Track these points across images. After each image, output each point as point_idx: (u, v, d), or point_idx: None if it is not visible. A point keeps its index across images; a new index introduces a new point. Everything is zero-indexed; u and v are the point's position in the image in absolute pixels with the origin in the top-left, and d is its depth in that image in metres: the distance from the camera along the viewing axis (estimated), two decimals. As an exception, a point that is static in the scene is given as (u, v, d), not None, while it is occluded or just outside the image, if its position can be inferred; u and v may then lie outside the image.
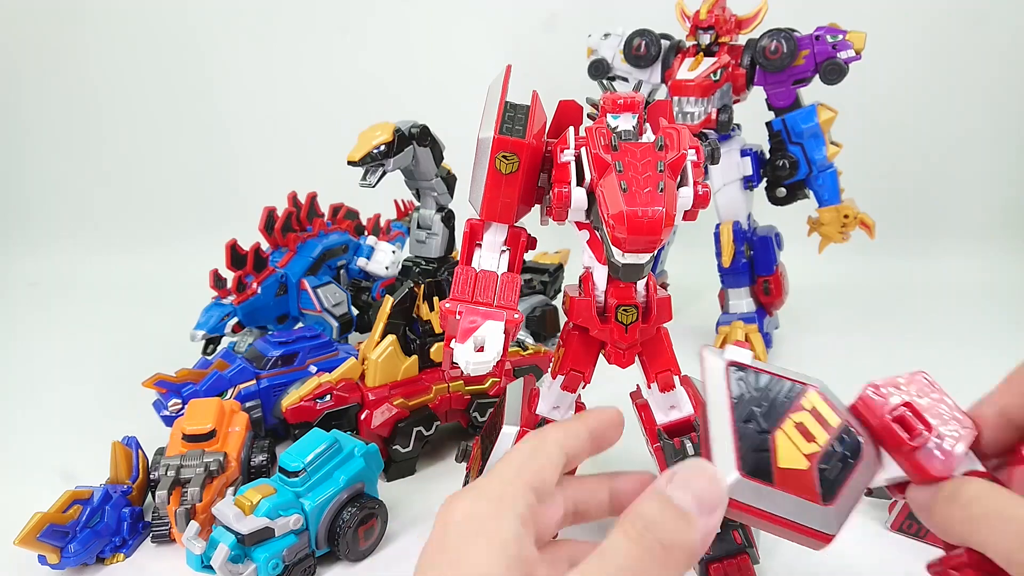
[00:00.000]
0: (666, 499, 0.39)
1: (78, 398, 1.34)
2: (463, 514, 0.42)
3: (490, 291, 0.66)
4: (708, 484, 0.40)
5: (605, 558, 0.38)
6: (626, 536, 0.39)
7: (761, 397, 0.48)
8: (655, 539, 0.38)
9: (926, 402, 0.48)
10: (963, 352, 1.46)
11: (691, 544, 0.38)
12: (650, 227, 0.55)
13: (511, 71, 0.70)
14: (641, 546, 0.38)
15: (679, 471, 0.41)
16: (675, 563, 0.38)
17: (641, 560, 0.38)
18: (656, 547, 0.38)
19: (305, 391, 1.06)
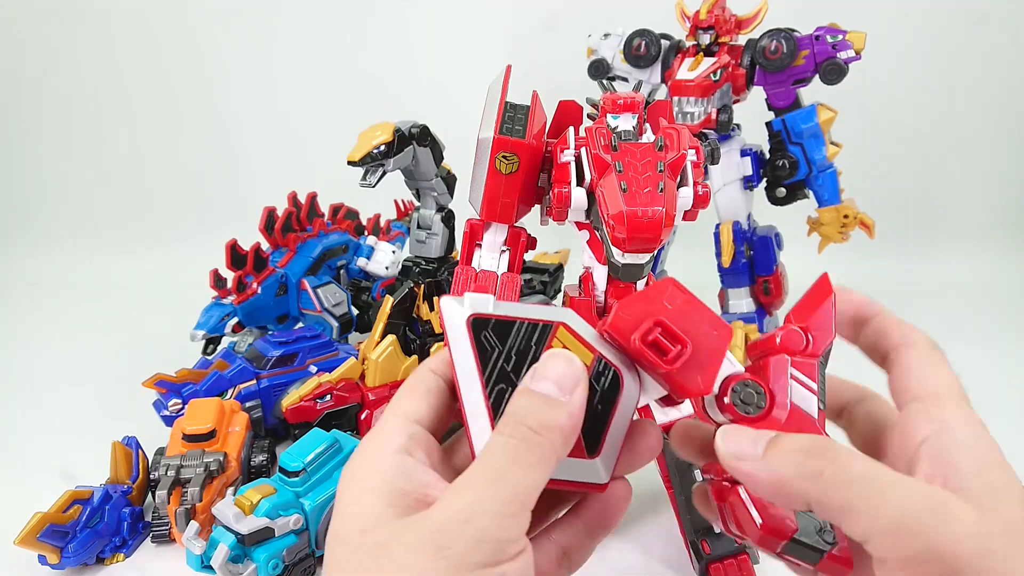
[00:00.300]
0: (528, 391, 0.41)
1: (78, 398, 1.34)
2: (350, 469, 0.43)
3: (490, 291, 0.66)
4: (563, 366, 0.42)
5: (484, 458, 0.40)
6: (500, 434, 0.40)
7: (510, 349, 0.45)
8: (526, 427, 0.40)
9: (677, 312, 0.46)
10: (963, 352, 1.46)
11: (559, 423, 0.40)
12: (650, 227, 0.56)
13: (511, 71, 0.70)
14: (515, 437, 0.40)
15: (535, 366, 0.43)
16: (549, 444, 0.40)
17: (517, 449, 0.39)
18: (528, 434, 0.40)
19: (305, 391, 1.06)
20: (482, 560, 0.37)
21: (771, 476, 0.40)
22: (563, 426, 0.40)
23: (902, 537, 0.35)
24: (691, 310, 0.46)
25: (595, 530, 0.50)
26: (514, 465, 0.39)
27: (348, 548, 0.38)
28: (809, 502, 0.38)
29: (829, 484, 0.37)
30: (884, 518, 0.35)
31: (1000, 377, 1.35)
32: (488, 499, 0.38)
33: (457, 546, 0.36)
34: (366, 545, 0.38)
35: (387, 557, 0.37)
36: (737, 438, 0.42)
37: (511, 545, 0.38)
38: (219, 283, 1.31)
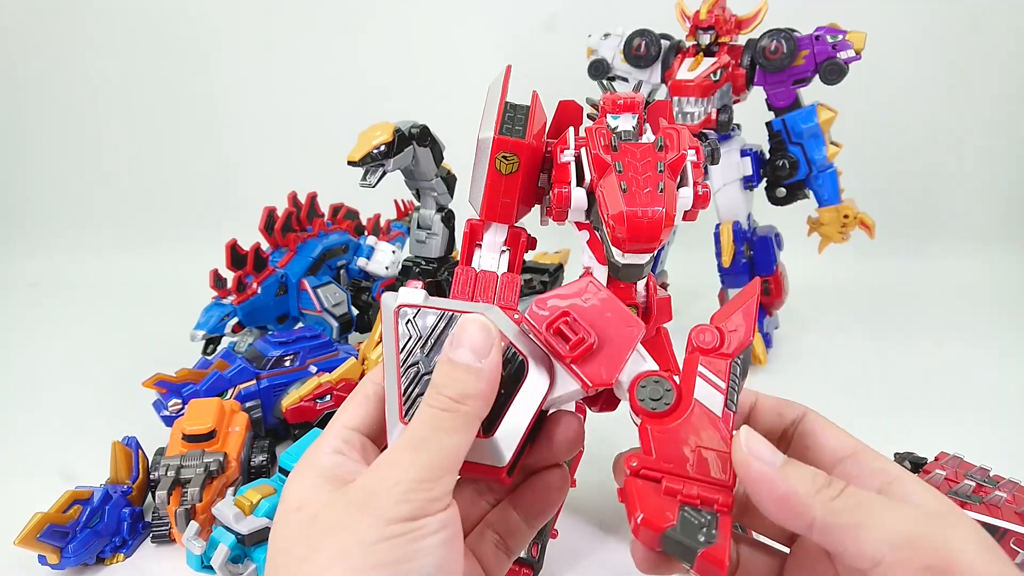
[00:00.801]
0: (448, 361, 0.44)
1: (78, 398, 1.34)
2: (294, 469, 0.45)
3: (490, 291, 0.66)
4: (475, 331, 0.44)
5: (409, 430, 0.42)
6: (424, 405, 0.43)
7: (427, 336, 0.47)
8: (445, 396, 0.42)
9: (589, 307, 0.48)
10: (963, 352, 1.47)
11: (479, 388, 0.43)
12: (650, 227, 0.56)
13: (511, 71, 0.70)
14: (436, 406, 0.42)
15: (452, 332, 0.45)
16: (469, 409, 0.42)
17: (440, 417, 0.42)
18: (447, 402, 0.42)
19: (305, 391, 1.06)
20: (406, 514, 0.39)
21: (786, 487, 0.40)
22: (482, 391, 0.43)
23: (916, 549, 0.37)
24: (604, 307, 0.48)
25: (531, 517, 0.52)
26: (435, 432, 0.42)
27: (284, 525, 0.41)
28: (813, 520, 0.40)
29: (840, 506, 0.39)
30: (899, 531, 0.38)
31: (1000, 377, 1.35)
32: (411, 464, 0.40)
33: (382, 503, 0.39)
34: (300, 518, 0.40)
35: (318, 524, 0.40)
36: (758, 441, 0.43)
37: (435, 503, 0.40)
38: (219, 283, 1.31)
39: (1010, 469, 0.91)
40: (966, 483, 0.87)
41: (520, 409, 0.46)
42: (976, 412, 1.22)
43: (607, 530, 0.92)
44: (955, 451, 0.96)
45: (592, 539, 0.91)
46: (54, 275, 2.10)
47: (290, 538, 0.40)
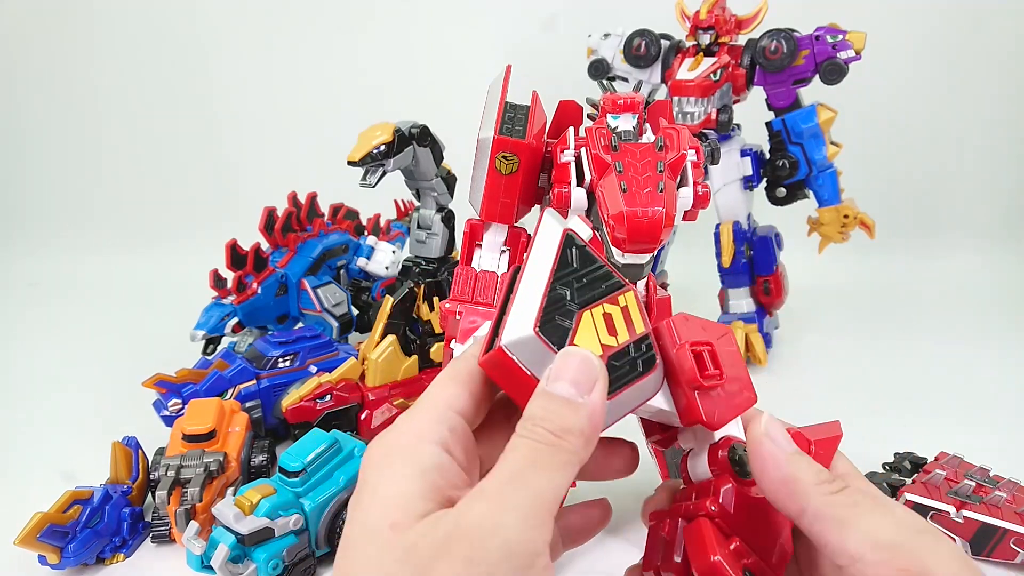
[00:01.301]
0: (545, 393, 0.40)
1: (78, 398, 1.34)
2: (381, 452, 0.41)
3: (490, 291, 0.66)
4: (579, 364, 0.40)
5: (504, 463, 0.39)
6: (519, 437, 0.39)
7: (584, 275, 0.46)
8: (544, 430, 0.39)
9: (725, 352, 0.48)
10: (963, 352, 1.46)
11: (580, 425, 0.39)
12: (650, 227, 0.56)
13: (511, 71, 0.70)
14: (533, 440, 0.39)
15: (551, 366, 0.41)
16: (570, 447, 0.39)
17: (536, 452, 0.38)
18: (547, 436, 0.39)
19: (305, 391, 1.06)
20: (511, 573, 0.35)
21: (791, 471, 0.41)
22: (583, 429, 0.39)
23: (896, 553, 0.38)
24: (736, 360, 0.49)
25: (569, 538, 0.51)
26: (534, 469, 0.38)
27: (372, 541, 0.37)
28: (806, 507, 0.40)
29: (836, 500, 0.40)
30: (883, 535, 0.38)
31: (1000, 377, 1.35)
32: (512, 506, 0.36)
33: (486, 560, 0.35)
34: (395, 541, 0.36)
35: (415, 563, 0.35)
36: (777, 427, 0.44)
37: (538, 559, 0.36)
38: (219, 283, 1.31)
39: (1010, 469, 0.92)
40: (966, 483, 0.87)
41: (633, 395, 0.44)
42: (976, 412, 1.22)
43: (607, 531, 0.92)
44: (955, 451, 0.96)
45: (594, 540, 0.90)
46: (54, 275, 2.10)
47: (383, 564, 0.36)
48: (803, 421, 0.48)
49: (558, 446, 0.38)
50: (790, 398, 1.28)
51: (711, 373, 0.46)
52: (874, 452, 1.03)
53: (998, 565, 0.85)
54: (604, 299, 0.45)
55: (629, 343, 0.45)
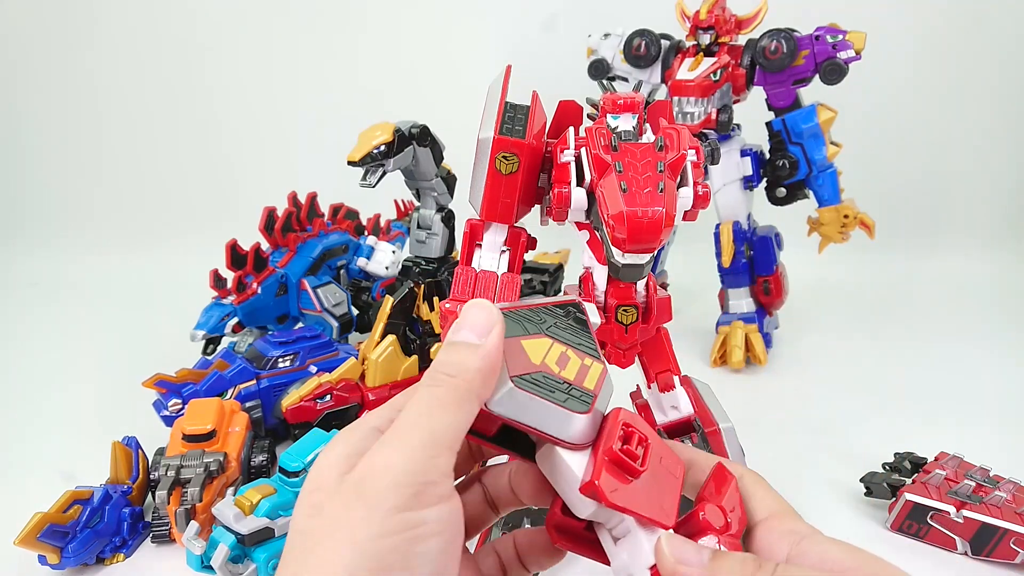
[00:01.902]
0: (448, 343, 0.43)
1: (78, 398, 1.34)
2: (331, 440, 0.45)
3: (490, 292, 0.66)
4: (477, 312, 0.43)
5: (403, 412, 0.41)
6: (421, 385, 0.42)
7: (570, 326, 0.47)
8: (442, 374, 0.41)
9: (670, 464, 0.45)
10: (963, 352, 1.46)
11: (476, 363, 0.41)
12: (650, 227, 0.56)
13: (511, 71, 0.70)
14: (433, 384, 0.41)
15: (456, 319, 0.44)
16: (464, 383, 0.41)
17: (436, 395, 0.40)
18: (444, 379, 0.41)
19: (305, 391, 1.06)
20: (401, 503, 0.37)
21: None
22: (480, 367, 0.41)
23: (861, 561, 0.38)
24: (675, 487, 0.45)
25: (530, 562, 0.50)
26: (429, 411, 0.40)
27: (299, 505, 0.40)
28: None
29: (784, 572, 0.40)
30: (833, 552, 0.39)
31: (1000, 377, 1.35)
32: (404, 444, 0.38)
33: (374, 492, 0.37)
34: (312, 502, 0.39)
35: (320, 515, 0.38)
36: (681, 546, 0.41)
37: (431, 487, 0.38)
38: (219, 283, 1.31)
39: (1010, 469, 0.92)
40: (966, 483, 0.87)
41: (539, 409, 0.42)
42: (976, 412, 1.22)
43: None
44: (955, 451, 0.96)
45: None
46: (54, 275, 2.10)
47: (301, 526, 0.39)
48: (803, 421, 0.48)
49: (453, 385, 0.40)
50: (790, 398, 1.28)
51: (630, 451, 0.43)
52: (874, 452, 1.03)
53: (998, 565, 0.85)
54: (572, 347, 0.45)
55: (569, 381, 0.44)
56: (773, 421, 1.18)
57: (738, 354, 1.37)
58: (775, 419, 1.19)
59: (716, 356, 1.41)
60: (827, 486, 1.00)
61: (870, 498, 0.95)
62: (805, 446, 1.09)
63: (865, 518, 0.94)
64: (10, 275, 2.12)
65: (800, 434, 1.13)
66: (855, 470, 0.99)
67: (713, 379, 0.84)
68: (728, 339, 1.40)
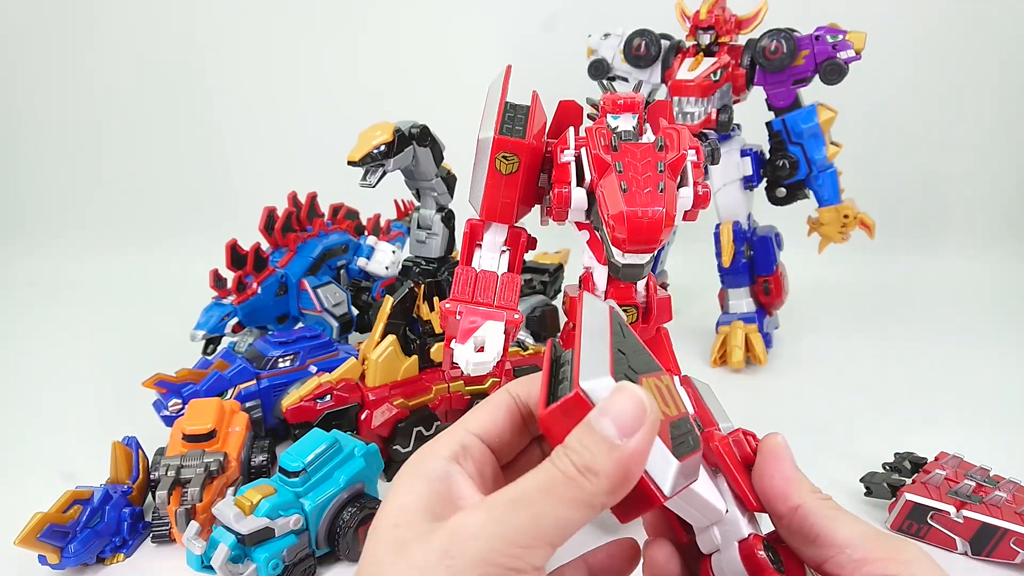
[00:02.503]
0: (587, 425, 0.37)
1: (78, 398, 1.34)
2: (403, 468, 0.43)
3: (490, 291, 0.66)
4: (628, 404, 0.37)
5: (518, 482, 0.38)
6: (546, 461, 0.38)
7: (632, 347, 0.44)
8: (570, 463, 0.37)
9: None
10: (964, 352, 1.46)
11: (608, 469, 0.36)
12: (650, 227, 0.56)
13: (511, 71, 0.70)
14: (556, 470, 0.37)
15: (606, 398, 0.38)
16: (590, 487, 0.36)
17: (553, 481, 0.37)
18: (571, 469, 0.37)
19: (305, 391, 1.06)
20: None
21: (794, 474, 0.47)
22: (610, 474, 0.36)
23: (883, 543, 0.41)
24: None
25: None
26: (543, 496, 0.37)
27: (378, 541, 0.39)
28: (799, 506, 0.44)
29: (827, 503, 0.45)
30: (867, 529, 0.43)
31: (1000, 377, 1.35)
32: (503, 520, 0.36)
33: (462, 558, 0.35)
34: (393, 540, 0.38)
35: (405, 555, 0.37)
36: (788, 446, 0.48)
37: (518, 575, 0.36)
38: (219, 283, 1.31)
39: (1010, 469, 0.92)
40: (966, 483, 0.87)
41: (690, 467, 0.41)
42: (976, 412, 1.22)
43: (607, 531, 0.92)
44: (955, 451, 0.96)
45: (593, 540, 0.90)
46: (54, 275, 2.10)
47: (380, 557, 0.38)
48: (803, 421, 0.49)
49: (577, 482, 0.36)
50: (790, 398, 1.28)
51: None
52: (874, 452, 1.03)
53: (998, 565, 0.85)
54: (651, 374, 0.43)
55: (681, 416, 0.42)
56: (773, 421, 1.18)
57: (738, 354, 1.37)
58: (775, 419, 1.18)
59: (716, 356, 1.41)
60: (827, 486, 0.98)
61: (870, 498, 0.95)
62: (805, 446, 1.08)
63: (865, 518, 0.92)
64: (10, 275, 2.12)
65: (800, 434, 1.12)
66: (855, 470, 0.99)
67: (713, 379, 0.84)
68: (728, 339, 1.40)
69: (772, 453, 0.47)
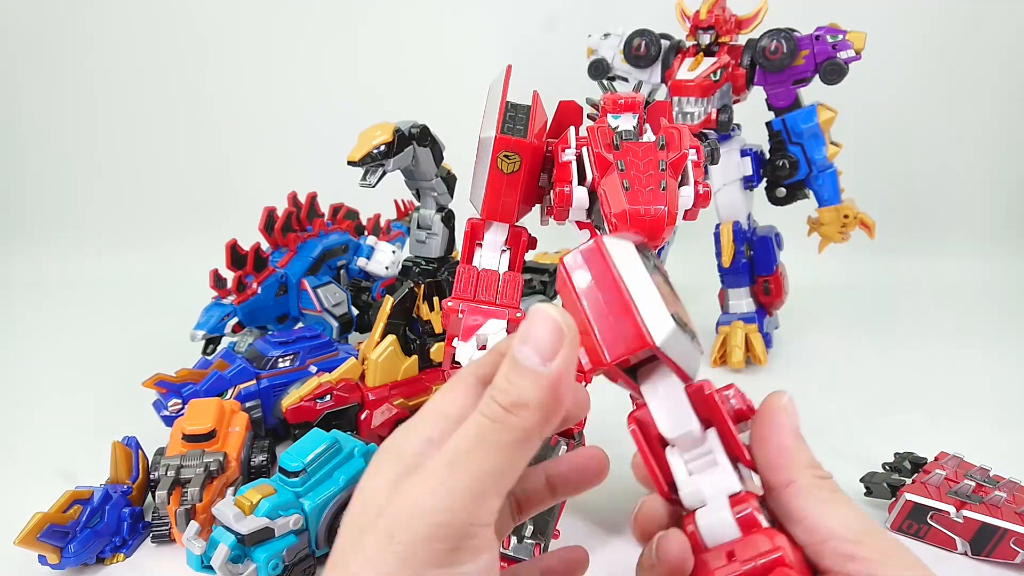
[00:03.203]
0: (511, 359, 0.36)
1: (78, 398, 1.34)
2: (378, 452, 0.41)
3: (492, 290, 0.66)
4: (542, 324, 0.36)
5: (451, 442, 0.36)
6: (476, 411, 0.36)
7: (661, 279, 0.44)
8: (497, 405, 0.35)
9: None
10: (964, 352, 1.47)
11: (537, 398, 0.35)
12: (652, 225, 0.56)
13: (511, 71, 0.70)
14: (485, 415, 0.35)
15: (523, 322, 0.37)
16: (520, 422, 0.35)
17: (483, 429, 0.35)
18: (498, 412, 0.35)
19: (305, 391, 1.06)
20: (435, 559, 0.33)
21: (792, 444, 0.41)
22: (541, 402, 0.35)
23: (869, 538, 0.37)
24: None
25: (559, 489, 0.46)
26: (479, 447, 0.35)
27: (342, 530, 0.37)
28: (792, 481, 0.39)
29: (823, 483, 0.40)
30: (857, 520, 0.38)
31: (1000, 377, 1.35)
32: (440, 488, 0.34)
33: (407, 541, 0.33)
34: (354, 528, 0.36)
35: (360, 545, 0.35)
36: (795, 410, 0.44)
37: (469, 540, 0.34)
38: (219, 283, 1.31)
39: (1010, 469, 0.92)
40: (966, 483, 0.87)
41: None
42: (976, 412, 1.22)
43: (609, 530, 0.92)
44: (955, 451, 0.96)
45: (594, 539, 0.91)
46: (54, 275, 2.10)
47: (342, 547, 0.36)
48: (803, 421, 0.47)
49: (508, 423, 0.35)
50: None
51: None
52: (874, 452, 1.03)
53: (998, 565, 0.85)
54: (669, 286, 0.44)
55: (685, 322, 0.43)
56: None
57: (738, 354, 1.37)
58: (775, 419, 1.19)
59: (716, 356, 1.41)
60: (827, 486, 0.99)
61: (870, 498, 0.95)
62: (805, 446, 1.09)
63: (865, 518, 0.94)
64: (10, 275, 2.11)
65: (800, 434, 1.13)
66: (855, 470, 0.99)
67: (713, 379, 0.84)
68: (728, 339, 1.40)
69: (772, 418, 0.42)
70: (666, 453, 0.43)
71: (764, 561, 0.37)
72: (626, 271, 0.42)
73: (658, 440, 0.43)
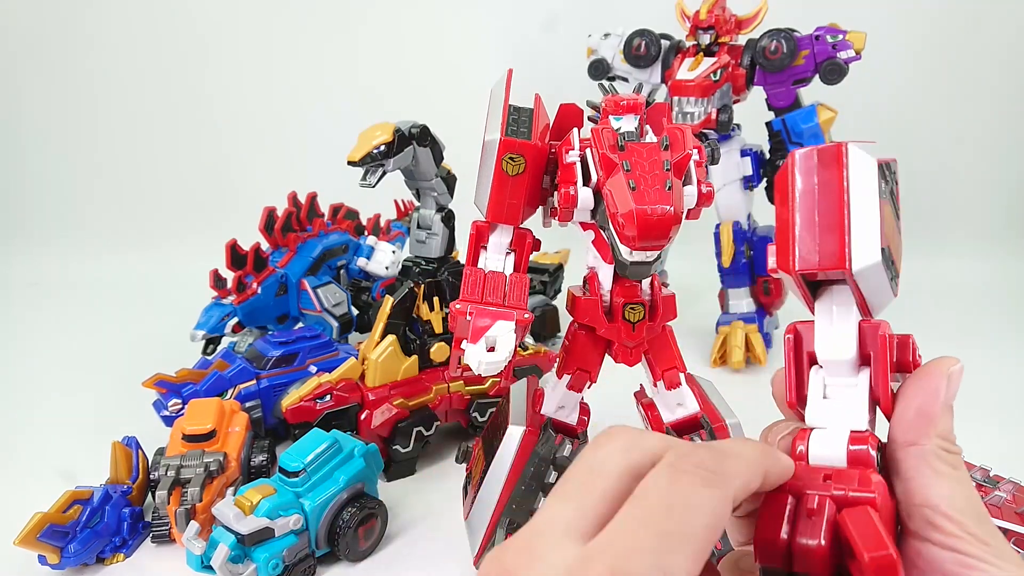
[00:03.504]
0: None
1: (78, 398, 1.34)
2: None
3: (499, 291, 0.66)
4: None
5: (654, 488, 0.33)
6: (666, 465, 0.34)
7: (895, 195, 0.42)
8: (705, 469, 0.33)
9: None
10: (963, 352, 1.46)
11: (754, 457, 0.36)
12: (659, 224, 0.56)
13: (512, 75, 0.70)
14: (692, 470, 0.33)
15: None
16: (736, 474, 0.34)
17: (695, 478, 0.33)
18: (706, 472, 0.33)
19: (305, 391, 1.06)
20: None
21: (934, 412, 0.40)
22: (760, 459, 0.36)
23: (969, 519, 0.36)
24: None
25: None
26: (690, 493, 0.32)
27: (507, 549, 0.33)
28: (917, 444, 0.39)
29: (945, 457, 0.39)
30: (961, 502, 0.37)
31: (1000, 377, 1.35)
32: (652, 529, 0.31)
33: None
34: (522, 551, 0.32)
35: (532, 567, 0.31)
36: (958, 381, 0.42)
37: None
38: (219, 283, 1.31)
39: (1010, 469, 0.92)
40: (967, 483, 0.87)
41: None
42: (976, 412, 1.21)
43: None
44: (955, 451, 0.96)
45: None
46: (54, 275, 2.09)
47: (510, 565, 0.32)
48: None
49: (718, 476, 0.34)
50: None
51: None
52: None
53: (999, 565, 0.84)
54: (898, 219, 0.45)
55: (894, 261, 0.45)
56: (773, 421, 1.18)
57: (738, 354, 1.37)
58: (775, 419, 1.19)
59: (716, 356, 1.41)
60: (827, 486, 0.99)
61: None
62: (805, 446, 1.09)
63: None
64: (10, 275, 2.11)
65: (800, 434, 1.13)
66: (855, 470, 0.99)
67: (713, 379, 0.84)
68: (728, 339, 1.40)
69: (930, 380, 0.41)
70: (811, 371, 0.44)
71: (856, 496, 0.37)
72: (857, 187, 0.41)
73: (808, 356, 0.45)
